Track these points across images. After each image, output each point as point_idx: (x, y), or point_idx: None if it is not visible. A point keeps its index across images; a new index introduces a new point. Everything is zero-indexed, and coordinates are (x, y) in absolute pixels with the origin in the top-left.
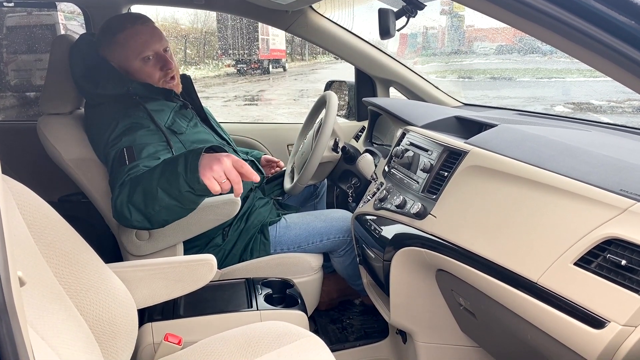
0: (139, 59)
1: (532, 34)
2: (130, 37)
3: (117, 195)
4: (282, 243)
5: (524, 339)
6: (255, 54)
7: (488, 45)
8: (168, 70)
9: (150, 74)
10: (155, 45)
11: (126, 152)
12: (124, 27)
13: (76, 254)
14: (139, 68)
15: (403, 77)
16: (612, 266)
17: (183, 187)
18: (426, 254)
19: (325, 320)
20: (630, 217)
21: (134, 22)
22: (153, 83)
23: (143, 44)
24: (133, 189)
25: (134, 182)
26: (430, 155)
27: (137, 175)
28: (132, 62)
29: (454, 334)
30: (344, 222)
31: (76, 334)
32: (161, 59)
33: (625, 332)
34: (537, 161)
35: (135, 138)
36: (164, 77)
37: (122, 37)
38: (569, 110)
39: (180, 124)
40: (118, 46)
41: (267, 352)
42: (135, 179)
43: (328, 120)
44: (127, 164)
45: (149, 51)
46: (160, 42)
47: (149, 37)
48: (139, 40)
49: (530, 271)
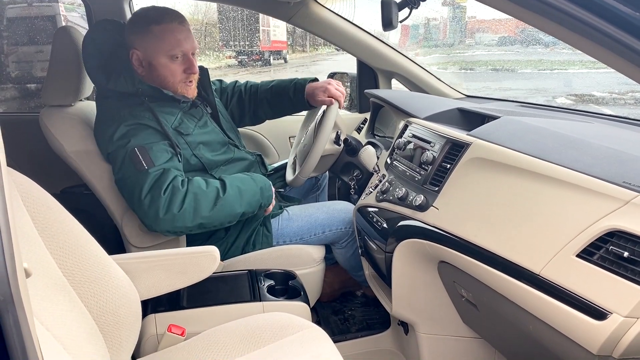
0: (168, 55)
1: (533, 24)
2: (166, 32)
3: (166, 203)
4: (285, 235)
5: (526, 331)
6: (256, 46)
7: (490, 37)
8: (191, 74)
9: (173, 72)
10: (186, 47)
11: (139, 152)
12: (162, 20)
13: (80, 246)
14: (164, 64)
15: (405, 68)
16: (614, 258)
17: (257, 205)
18: (428, 246)
19: (327, 312)
20: (632, 209)
21: (173, 18)
22: (173, 82)
23: (176, 42)
24: (198, 202)
25: (215, 206)
26: (433, 147)
27: (220, 199)
28: (160, 56)
29: (455, 325)
30: (346, 213)
31: (80, 325)
32: (188, 61)
33: (627, 323)
34: (539, 153)
35: (144, 138)
36: (184, 80)
37: (158, 29)
38: (570, 101)
39: (187, 125)
40: (151, 37)
41: (270, 343)
42: (217, 202)
43: (329, 113)
44: (145, 167)
45: (180, 50)
46: (192, 45)
47: (183, 37)
48: (174, 37)
49: (532, 263)
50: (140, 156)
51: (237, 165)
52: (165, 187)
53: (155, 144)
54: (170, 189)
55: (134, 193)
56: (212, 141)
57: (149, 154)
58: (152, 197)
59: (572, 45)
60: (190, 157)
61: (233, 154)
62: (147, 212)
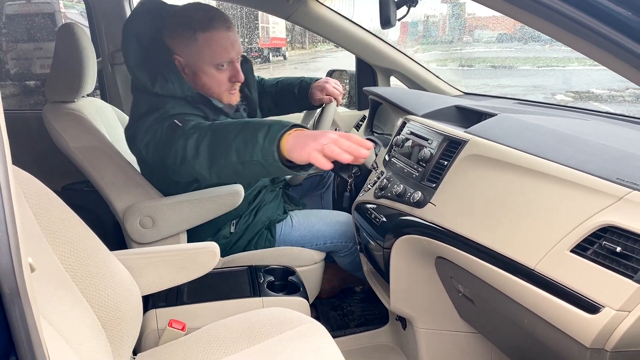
0: (214, 64)
1: (527, 23)
2: (213, 40)
3: (185, 139)
4: (286, 242)
5: (521, 325)
6: (255, 43)
7: (489, 34)
8: (236, 82)
9: (219, 82)
10: (233, 54)
11: (178, 121)
12: (209, 27)
13: (82, 242)
14: (210, 74)
15: (404, 66)
16: (607, 253)
17: (256, 155)
18: (426, 242)
19: (326, 308)
20: (626, 205)
21: (220, 24)
22: (219, 92)
23: (224, 51)
24: (207, 134)
25: (211, 129)
26: (431, 145)
27: (215, 124)
28: (205, 65)
29: (452, 320)
30: (347, 226)
31: (82, 320)
32: (234, 69)
33: (619, 316)
34: (535, 150)
35: (187, 115)
36: (230, 88)
37: (203, 36)
38: (569, 99)
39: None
40: (195, 44)
41: (270, 337)
42: (212, 126)
43: (327, 111)
44: (181, 125)
45: (227, 59)
46: (238, 52)
47: (230, 44)
48: (222, 45)
49: (527, 258)
50: (179, 122)
51: None
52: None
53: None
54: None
55: (172, 146)
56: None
57: (187, 120)
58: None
59: (565, 43)
60: None
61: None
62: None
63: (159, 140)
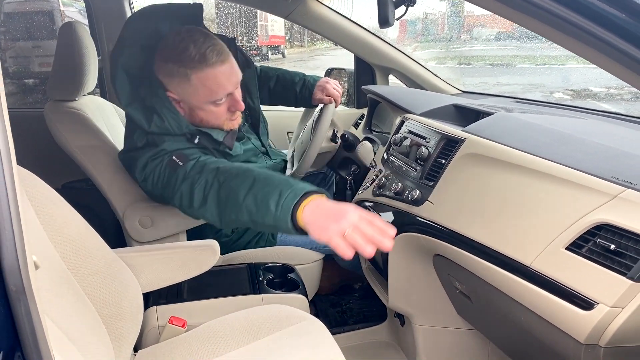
0: (211, 101)
1: (521, 23)
2: (207, 80)
3: (190, 185)
4: (287, 242)
5: (517, 321)
6: (254, 41)
7: (488, 32)
8: (236, 111)
9: (218, 115)
10: (230, 87)
11: (178, 159)
12: (202, 65)
13: (83, 240)
14: (208, 109)
15: (402, 64)
16: (601, 250)
17: (268, 220)
18: (424, 240)
19: (325, 304)
20: (620, 203)
21: (214, 58)
22: (218, 124)
23: (220, 87)
24: (214, 184)
25: (217, 178)
26: (428, 143)
27: (221, 170)
28: (202, 104)
29: (450, 317)
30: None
31: (84, 317)
32: (232, 99)
33: (613, 313)
34: (532, 149)
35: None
36: (231, 116)
37: (197, 77)
38: (567, 97)
39: (234, 149)
40: (189, 85)
41: (269, 334)
42: (218, 174)
43: (326, 112)
44: (182, 165)
45: (224, 94)
46: (236, 80)
47: (226, 79)
48: (216, 83)
49: (523, 255)
50: (178, 160)
51: None
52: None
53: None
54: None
55: (172, 190)
56: (250, 157)
57: (187, 157)
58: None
59: (558, 43)
60: None
61: (265, 166)
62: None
63: (158, 178)
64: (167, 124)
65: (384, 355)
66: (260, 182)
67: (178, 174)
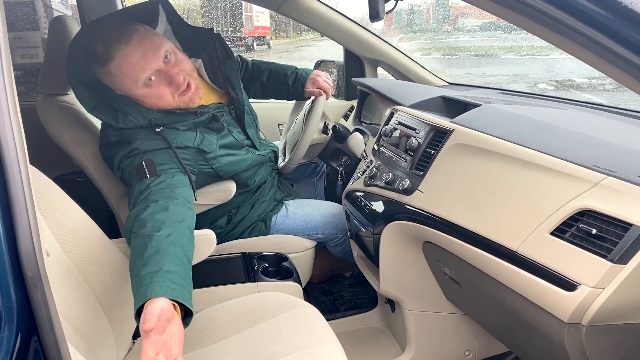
0: (140, 85)
1: (506, 18)
2: (122, 67)
3: (127, 218)
4: (280, 231)
5: (504, 304)
6: (239, 31)
7: (472, 22)
8: (177, 84)
9: (160, 95)
10: (151, 64)
11: (146, 166)
12: (110, 56)
13: (82, 230)
14: (145, 94)
15: (390, 57)
16: (584, 235)
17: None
18: (414, 227)
19: (316, 292)
20: (601, 190)
21: (118, 44)
22: (169, 103)
23: (137, 68)
24: (133, 229)
25: (133, 224)
26: (418, 134)
27: (137, 221)
28: (135, 90)
29: (439, 302)
30: (340, 218)
31: (85, 306)
32: (165, 75)
33: (594, 293)
34: (517, 139)
35: (155, 155)
36: (176, 92)
37: (113, 66)
38: (551, 87)
39: (209, 141)
40: (113, 78)
41: (265, 320)
42: (135, 223)
43: (318, 104)
44: (147, 177)
45: (147, 73)
46: (156, 56)
47: (140, 57)
48: (131, 65)
49: (510, 241)
50: (147, 168)
51: (252, 170)
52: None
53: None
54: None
55: (129, 198)
56: (233, 150)
57: (155, 169)
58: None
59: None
60: (208, 169)
61: (251, 159)
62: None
63: (128, 177)
64: (130, 117)
65: (375, 340)
66: (144, 269)
67: (135, 186)
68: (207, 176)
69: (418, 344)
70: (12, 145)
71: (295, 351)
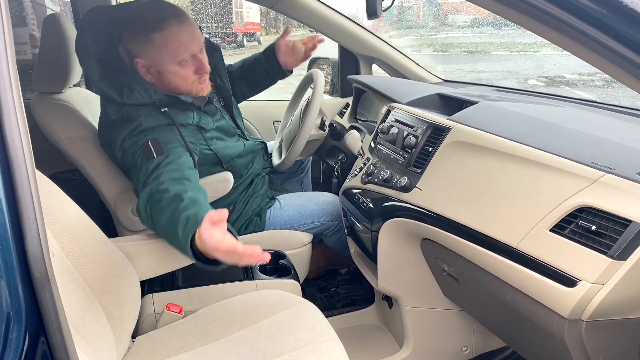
0: (176, 62)
1: (499, 13)
2: (169, 39)
3: (140, 197)
4: (275, 224)
5: (504, 300)
6: (229, 28)
7: (463, 18)
8: (203, 73)
9: (185, 77)
10: (193, 47)
11: (152, 145)
12: (162, 26)
13: (81, 229)
14: (174, 71)
15: (385, 54)
16: (583, 231)
17: (177, 247)
18: (412, 224)
19: (313, 289)
20: (600, 187)
21: (172, 20)
22: (186, 86)
23: (182, 47)
24: (151, 203)
25: (153, 197)
26: (415, 132)
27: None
28: (168, 65)
29: (437, 298)
30: (334, 206)
31: (85, 304)
32: (197, 61)
33: (594, 289)
34: (516, 136)
35: (160, 134)
36: (197, 80)
37: (159, 37)
38: (541, 83)
39: (206, 120)
40: (153, 47)
41: (265, 318)
42: (155, 195)
43: (315, 100)
44: (155, 157)
45: (187, 54)
46: (199, 42)
47: (188, 38)
48: (178, 42)
49: (510, 237)
50: (153, 148)
51: (246, 158)
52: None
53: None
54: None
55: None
56: (226, 135)
57: (162, 148)
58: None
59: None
60: (207, 150)
61: (244, 146)
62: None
63: (131, 157)
64: (137, 94)
65: (373, 337)
66: (178, 210)
67: (143, 166)
68: (207, 161)
69: (416, 340)
70: (19, 145)
71: (295, 349)
